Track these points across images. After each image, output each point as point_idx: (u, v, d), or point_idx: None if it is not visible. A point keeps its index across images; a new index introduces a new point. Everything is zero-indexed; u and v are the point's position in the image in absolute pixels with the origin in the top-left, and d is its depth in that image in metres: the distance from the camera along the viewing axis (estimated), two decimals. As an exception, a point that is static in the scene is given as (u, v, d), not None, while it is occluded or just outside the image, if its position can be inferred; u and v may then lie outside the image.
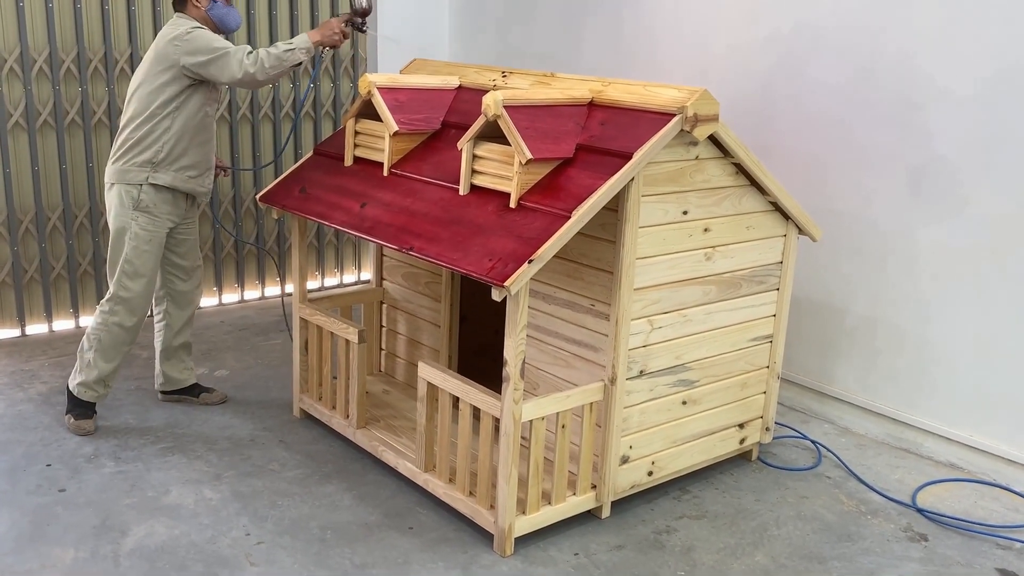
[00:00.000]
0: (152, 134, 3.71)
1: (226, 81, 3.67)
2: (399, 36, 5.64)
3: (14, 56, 4.69)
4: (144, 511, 3.31)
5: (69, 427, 3.86)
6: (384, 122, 3.53)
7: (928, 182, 3.82)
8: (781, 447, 3.99)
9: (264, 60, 3.64)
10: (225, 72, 3.63)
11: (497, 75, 3.65)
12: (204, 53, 3.61)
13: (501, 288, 2.75)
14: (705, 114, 3.00)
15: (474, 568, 3.04)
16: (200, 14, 3.75)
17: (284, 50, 3.68)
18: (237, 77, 3.63)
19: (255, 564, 3.03)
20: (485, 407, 3.07)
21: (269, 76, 3.67)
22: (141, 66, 3.76)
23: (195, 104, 3.76)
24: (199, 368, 4.63)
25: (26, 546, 3.08)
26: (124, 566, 2.99)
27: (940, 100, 3.74)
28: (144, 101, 3.70)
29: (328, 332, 3.81)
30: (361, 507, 3.39)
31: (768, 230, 3.50)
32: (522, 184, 3.01)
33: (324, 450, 3.81)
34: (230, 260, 5.63)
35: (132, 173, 3.74)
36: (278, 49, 3.68)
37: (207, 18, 3.76)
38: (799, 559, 3.17)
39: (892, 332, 4.01)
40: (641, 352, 3.23)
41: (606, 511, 3.34)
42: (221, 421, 4.05)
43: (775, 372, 3.72)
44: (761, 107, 4.32)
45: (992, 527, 3.40)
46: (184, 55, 3.62)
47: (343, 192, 3.60)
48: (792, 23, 4.16)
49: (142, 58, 3.80)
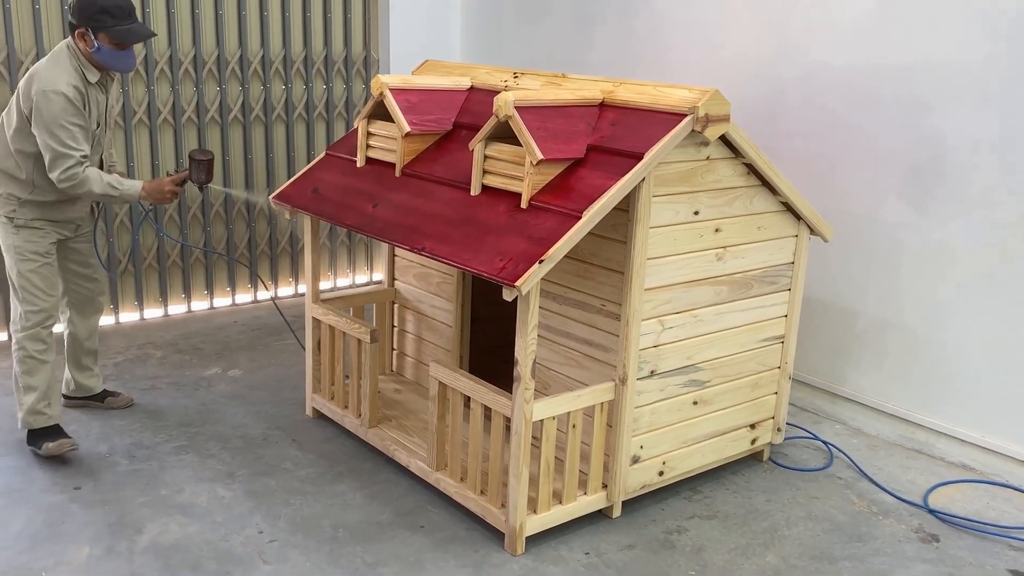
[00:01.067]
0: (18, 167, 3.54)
1: (46, 168, 3.47)
2: (408, 46, 5.67)
3: (30, 58, 4.73)
4: (158, 509, 3.34)
5: (47, 453, 3.60)
6: (396, 123, 3.55)
7: (939, 183, 3.81)
8: (792, 448, 3.98)
9: (88, 184, 3.47)
10: (51, 166, 3.44)
11: (508, 76, 3.66)
12: (46, 127, 3.39)
13: (512, 288, 2.76)
14: (716, 114, 3.00)
15: (485, 567, 3.05)
16: (87, 52, 3.47)
17: (110, 186, 3.54)
18: (55, 178, 3.44)
19: (268, 562, 3.05)
20: (496, 407, 3.08)
21: (84, 197, 3.58)
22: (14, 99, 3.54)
23: None
24: (213, 367, 4.66)
25: (41, 543, 3.11)
26: (138, 563, 3.02)
27: (951, 101, 3.73)
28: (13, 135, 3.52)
29: (340, 332, 3.83)
30: (373, 506, 3.40)
31: (779, 230, 3.50)
32: (533, 184, 3.02)
33: (336, 449, 3.83)
34: (244, 260, 5.66)
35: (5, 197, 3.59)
36: (105, 183, 3.52)
37: (92, 59, 3.48)
38: (810, 559, 3.17)
39: (904, 333, 4.01)
40: (652, 352, 3.23)
41: (617, 511, 3.35)
42: (234, 420, 4.07)
43: (786, 372, 3.72)
44: (772, 108, 4.32)
45: (1004, 528, 3.39)
46: (34, 107, 3.39)
47: (355, 193, 3.61)
48: (802, 24, 4.16)
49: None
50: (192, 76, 5.24)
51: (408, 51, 5.69)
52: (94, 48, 3.45)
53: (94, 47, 3.45)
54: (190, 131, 5.31)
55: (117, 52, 3.49)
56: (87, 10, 3.41)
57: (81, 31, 3.44)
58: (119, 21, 3.45)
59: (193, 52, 5.20)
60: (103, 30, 3.43)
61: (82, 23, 3.43)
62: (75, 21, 3.45)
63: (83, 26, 3.43)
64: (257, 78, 5.46)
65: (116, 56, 3.50)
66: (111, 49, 3.47)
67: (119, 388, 4.32)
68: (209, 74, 5.30)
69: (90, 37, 3.44)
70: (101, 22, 3.42)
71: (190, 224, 5.40)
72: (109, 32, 3.44)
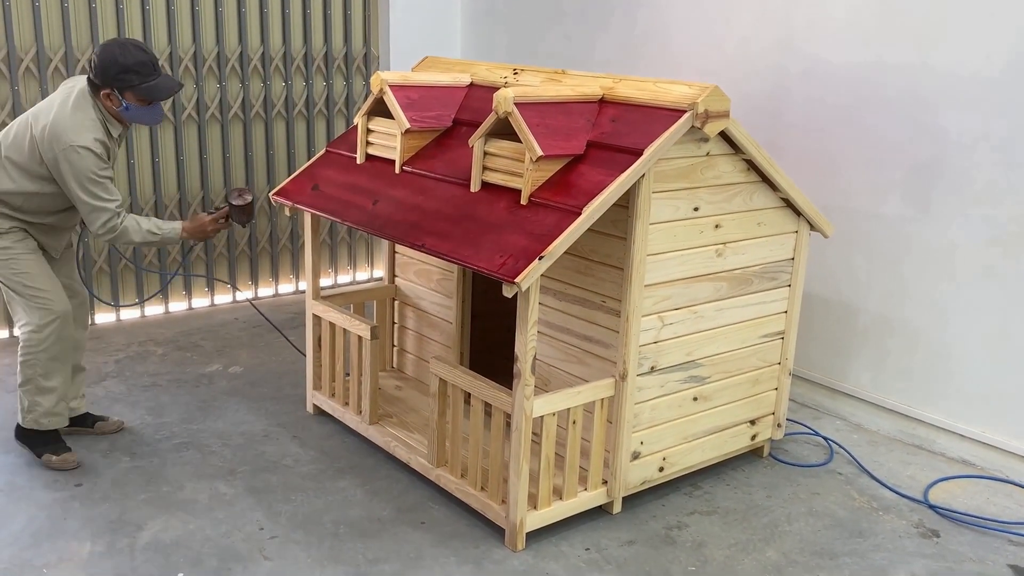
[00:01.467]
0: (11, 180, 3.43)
1: (86, 223, 3.43)
2: (408, 43, 5.67)
3: (30, 55, 4.73)
4: (159, 506, 3.34)
5: (53, 465, 3.54)
6: (396, 120, 3.55)
7: (940, 179, 3.81)
8: (793, 443, 3.99)
9: (128, 234, 3.43)
10: (89, 219, 3.39)
11: (508, 72, 3.66)
12: (78, 183, 3.32)
13: (512, 284, 2.76)
14: (716, 110, 3.00)
15: (486, 563, 3.06)
16: (112, 110, 3.40)
17: (150, 233, 3.49)
18: (95, 231, 3.41)
19: (269, 558, 3.06)
20: (497, 403, 3.08)
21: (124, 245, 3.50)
22: (24, 130, 3.40)
23: (50, 197, 3.47)
24: (214, 364, 4.67)
25: (44, 540, 3.12)
26: (139, 560, 3.03)
27: (953, 97, 3.73)
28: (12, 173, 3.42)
29: (341, 329, 3.83)
30: (374, 502, 3.41)
31: (779, 226, 3.50)
32: (533, 181, 3.02)
33: (337, 446, 3.84)
34: (244, 257, 5.67)
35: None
36: (145, 231, 3.47)
37: (119, 115, 3.42)
38: (810, 555, 3.17)
39: (904, 328, 4.01)
40: (652, 348, 3.24)
41: (617, 507, 3.36)
42: (235, 417, 4.08)
43: (787, 368, 3.72)
44: (773, 104, 4.32)
45: (1004, 523, 3.39)
46: (60, 162, 3.31)
47: (355, 190, 3.62)
48: (803, 19, 4.15)
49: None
50: (192, 73, 5.24)
51: (408, 48, 5.69)
52: (121, 107, 3.38)
53: (121, 106, 3.38)
54: (190, 128, 5.31)
55: (145, 108, 3.42)
56: (110, 71, 3.32)
57: (106, 92, 3.36)
58: (144, 78, 3.36)
59: (193, 49, 5.20)
60: (129, 89, 3.35)
61: (107, 84, 3.34)
62: (99, 82, 3.34)
63: (108, 87, 3.34)
64: (257, 75, 5.46)
65: (144, 112, 3.44)
66: (139, 106, 3.40)
67: (120, 385, 4.33)
68: (209, 71, 5.30)
69: (116, 97, 3.37)
70: (127, 81, 3.33)
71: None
72: (136, 91, 3.36)
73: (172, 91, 3.45)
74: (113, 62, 3.32)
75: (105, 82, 3.34)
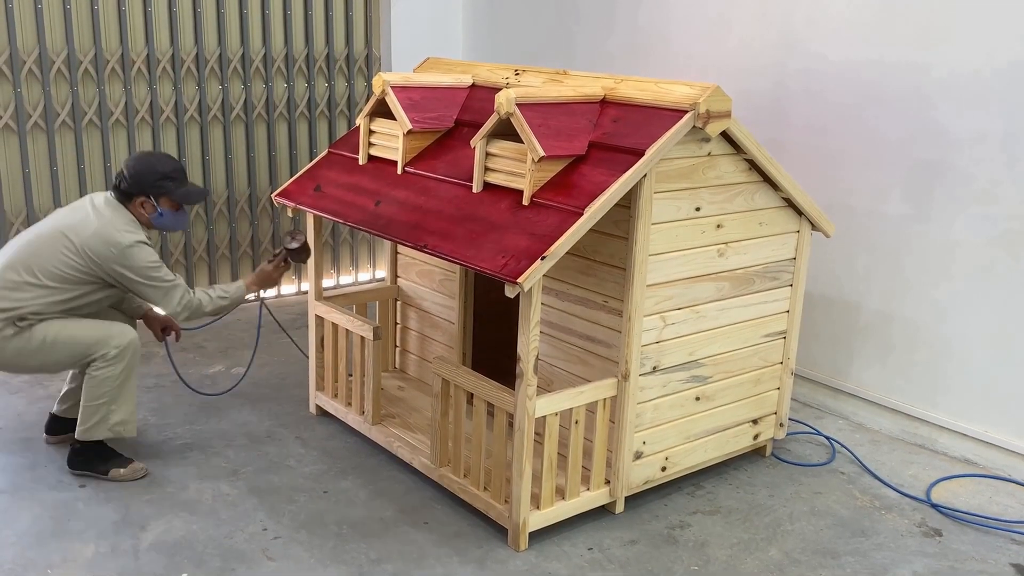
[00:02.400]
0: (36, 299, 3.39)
1: (158, 307, 3.52)
2: (409, 44, 5.67)
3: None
4: (163, 506, 3.35)
5: (123, 478, 3.51)
6: (398, 121, 3.56)
7: (942, 177, 3.81)
8: (795, 443, 3.99)
9: (203, 307, 3.54)
10: (164, 304, 3.48)
11: (510, 73, 3.67)
12: (143, 277, 3.41)
13: (514, 285, 2.77)
14: (717, 110, 3.01)
15: (488, 562, 3.07)
16: (144, 218, 3.50)
17: (220, 299, 3.60)
18: (174, 312, 3.50)
19: (272, 559, 3.06)
20: (499, 403, 3.09)
21: (200, 318, 3.59)
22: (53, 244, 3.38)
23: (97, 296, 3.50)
24: (217, 365, 4.67)
25: (48, 540, 3.13)
26: (143, 560, 3.03)
27: (955, 95, 3.73)
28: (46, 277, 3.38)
29: (344, 329, 3.84)
30: (377, 502, 3.42)
31: (781, 226, 3.50)
32: (535, 181, 3.03)
33: (340, 446, 3.84)
34: (246, 258, 5.67)
35: None
36: (215, 299, 3.58)
37: (149, 222, 3.52)
38: (812, 554, 3.17)
39: (906, 328, 4.01)
40: (654, 348, 3.24)
41: (620, 506, 3.36)
42: (238, 418, 4.09)
43: (789, 368, 3.72)
44: (774, 103, 4.32)
45: (1007, 522, 3.40)
46: (118, 265, 3.38)
47: (358, 190, 3.62)
48: (804, 18, 4.16)
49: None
50: (195, 75, 5.25)
51: (410, 48, 5.69)
52: (155, 213, 3.51)
53: (155, 212, 3.51)
54: (192, 130, 5.32)
55: (175, 213, 3.57)
56: (148, 178, 3.45)
57: (141, 199, 3.48)
58: (179, 184, 3.53)
59: (195, 51, 5.21)
60: (165, 195, 3.50)
61: (144, 191, 3.46)
62: (134, 191, 3.46)
63: (145, 194, 3.47)
64: (259, 76, 5.47)
65: (175, 218, 3.57)
66: (171, 212, 3.54)
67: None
68: (211, 73, 5.31)
69: (151, 203, 3.49)
70: (164, 188, 3.48)
71: (193, 223, 5.41)
72: (171, 196, 3.51)
73: (202, 196, 3.63)
74: (151, 170, 3.47)
75: (142, 190, 3.47)
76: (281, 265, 3.81)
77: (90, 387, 3.45)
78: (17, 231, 4.87)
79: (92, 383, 3.45)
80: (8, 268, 3.38)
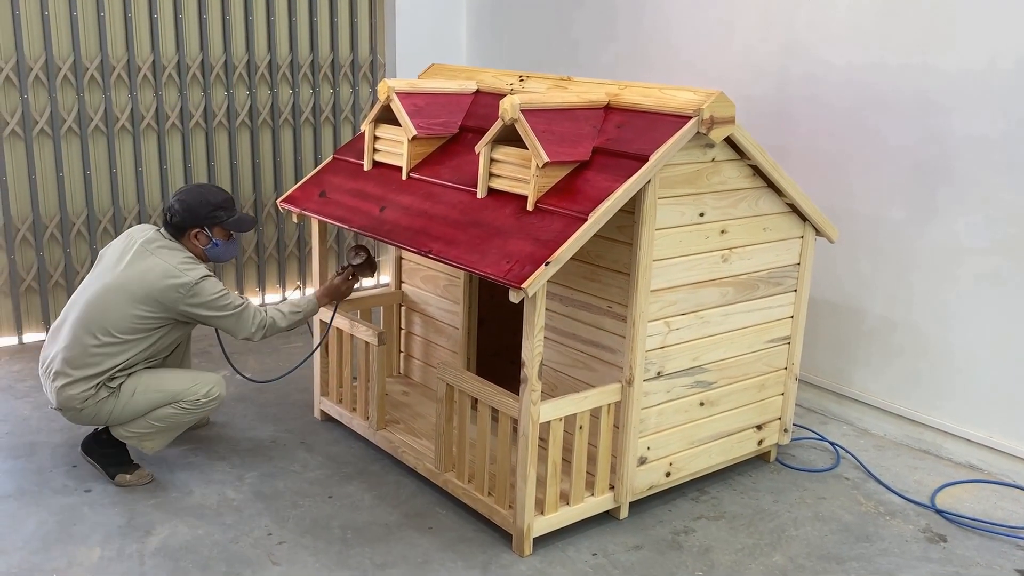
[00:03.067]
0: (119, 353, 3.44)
1: (235, 335, 3.55)
2: (414, 50, 5.69)
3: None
4: (168, 511, 3.36)
5: (128, 483, 3.52)
6: (403, 127, 3.57)
7: (947, 182, 3.82)
8: (799, 448, 3.99)
9: (278, 323, 3.59)
10: (239, 328, 3.52)
11: (514, 79, 3.68)
12: (214, 310, 3.44)
13: (519, 290, 2.78)
14: (721, 116, 3.02)
15: (493, 568, 3.07)
16: (197, 250, 3.57)
17: (293, 314, 3.63)
18: (251, 334, 3.54)
19: (277, 563, 3.07)
20: (503, 408, 3.09)
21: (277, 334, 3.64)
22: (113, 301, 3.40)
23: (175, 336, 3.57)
24: (222, 370, 4.68)
25: (53, 545, 3.14)
26: (148, 565, 3.04)
27: (958, 100, 3.73)
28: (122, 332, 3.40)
29: (348, 335, 3.85)
30: (381, 507, 3.42)
31: (785, 232, 3.51)
32: (539, 187, 3.03)
33: (344, 451, 3.85)
34: (251, 264, 5.69)
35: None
36: (288, 315, 3.62)
37: (203, 254, 3.59)
38: (817, 560, 3.17)
39: (911, 333, 4.01)
40: (658, 353, 3.25)
41: (624, 512, 3.36)
42: (243, 423, 4.10)
43: (793, 373, 3.73)
44: (777, 108, 4.33)
45: (1011, 528, 3.39)
46: (187, 306, 3.42)
47: (362, 196, 3.63)
48: (807, 23, 4.16)
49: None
50: (200, 81, 5.26)
51: (414, 55, 5.71)
52: (210, 245, 3.57)
53: (210, 243, 3.57)
54: (197, 136, 5.34)
55: (228, 243, 3.63)
56: (203, 209, 3.52)
57: (196, 231, 3.54)
58: (231, 213, 3.59)
59: (200, 57, 5.23)
60: (218, 224, 3.56)
61: (198, 223, 3.52)
62: (187, 223, 3.51)
63: (199, 226, 3.53)
64: (265, 82, 5.49)
65: (227, 247, 3.63)
66: (224, 242, 3.60)
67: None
68: (217, 79, 5.32)
69: (205, 235, 3.55)
70: (217, 218, 3.55)
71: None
72: (224, 225, 3.58)
73: (254, 224, 3.70)
74: (205, 202, 3.53)
75: (196, 222, 3.53)
76: (349, 280, 3.82)
77: (159, 413, 3.49)
78: (23, 237, 4.90)
79: (163, 411, 3.49)
80: (84, 333, 3.40)
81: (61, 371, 3.41)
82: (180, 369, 3.75)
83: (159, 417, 3.49)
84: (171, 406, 3.48)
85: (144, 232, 3.57)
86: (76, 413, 3.44)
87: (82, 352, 3.39)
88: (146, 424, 3.49)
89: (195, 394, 3.50)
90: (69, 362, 3.40)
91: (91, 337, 3.39)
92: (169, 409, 3.48)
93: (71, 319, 3.46)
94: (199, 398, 3.51)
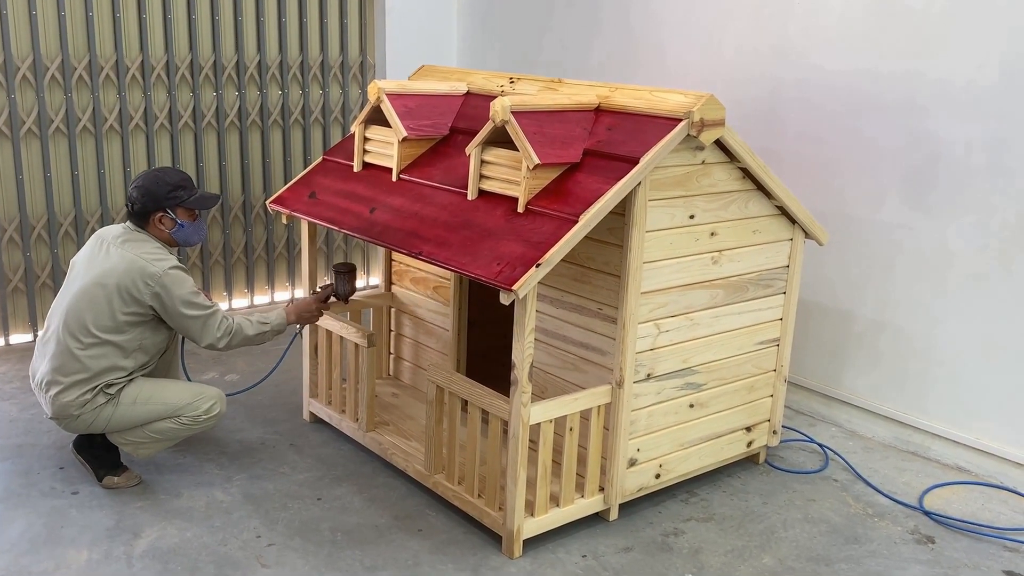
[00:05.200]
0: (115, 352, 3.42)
1: (200, 341, 3.45)
2: (405, 51, 5.69)
3: (27, 63, 4.73)
4: (156, 513, 3.34)
5: (116, 486, 3.52)
6: (393, 128, 3.57)
7: (935, 186, 3.84)
8: (788, 450, 4.00)
9: (243, 331, 3.50)
10: (205, 332, 3.44)
11: (505, 81, 3.68)
12: (182, 304, 3.37)
13: (509, 292, 2.78)
14: (711, 119, 3.02)
15: (483, 570, 3.06)
16: (164, 235, 3.50)
17: (260, 324, 3.55)
18: (216, 339, 3.45)
19: (266, 566, 3.06)
20: (494, 410, 3.09)
21: (236, 347, 3.56)
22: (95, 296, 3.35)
23: (159, 337, 3.52)
24: (210, 372, 4.67)
25: (41, 547, 3.12)
26: (136, 568, 3.03)
27: (947, 105, 3.75)
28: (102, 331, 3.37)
29: (338, 336, 3.84)
30: (371, 509, 3.41)
31: (775, 234, 3.52)
32: (530, 189, 3.04)
33: (334, 453, 3.84)
34: (240, 265, 5.67)
35: None
36: (255, 323, 3.54)
37: (170, 238, 3.52)
38: (806, 561, 3.18)
39: (899, 335, 4.03)
40: (648, 355, 3.25)
41: (614, 513, 3.36)
42: (232, 425, 4.08)
43: (782, 375, 3.74)
44: (768, 112, 4.34)
45: (999, 529, 3.41)
46: (157, 297, 3.36)
47: (353, 197, 3.63)
48: (798, 28, 4.18)
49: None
50: (189, 82, 5.25)
51: (404, 56, 5.70)
52: (175, 227, 3.51)
53: (175, 225, 3.50)
54: (186, 137, 5.32)
55: (194, 224, 3.56)
56: (161, 191, 3.45)
57: (159, 215, 3.48)
58: (191, 192, 3.53)
59: (190, 58, 5.21)
60: (180, 205, 3.49)
61: (160, 206, 3.46)
62: (149, 208, 3.45)
63: (161, 209, 3.47)
64: (254, 83, 5.47)
65: (194, 228, 3.56)
66: (189, 222, 3.53)
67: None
68: (206, 80, 5.31)
69: (168, 217, 3.49)
70: (178, 198, 3.48)
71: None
72: (186, 204, 3.50)
73: (216, 200, 3.63)
74: (162, 183, 3.47)
75: (157, 204, 3.46)
76: (323, 301, 3.75)
77: (157, 426, 3.47)
78: (10, 238, 4.87)
79: (161, 425, 3.47)
80: (68, 338, 3.37)
81: (53, 380, 3.39)
82: (182, 381, 3.73)
83: (157, 430, 3.47)
84: (170, 420, 3.46)
85: (111, 231, 3.54)
86: (72, 420, 3.42)
87: (69, 357, 3.37)
88: (143, 435, 3.48)
89: (196, 410, 3.48)
90: (59, 369, 3.38)
91: (74, 340, 3.37)
92: (168, 423, 3.46)
93: (54, 328, 3.45)
94: (199, 414, 3.49)
